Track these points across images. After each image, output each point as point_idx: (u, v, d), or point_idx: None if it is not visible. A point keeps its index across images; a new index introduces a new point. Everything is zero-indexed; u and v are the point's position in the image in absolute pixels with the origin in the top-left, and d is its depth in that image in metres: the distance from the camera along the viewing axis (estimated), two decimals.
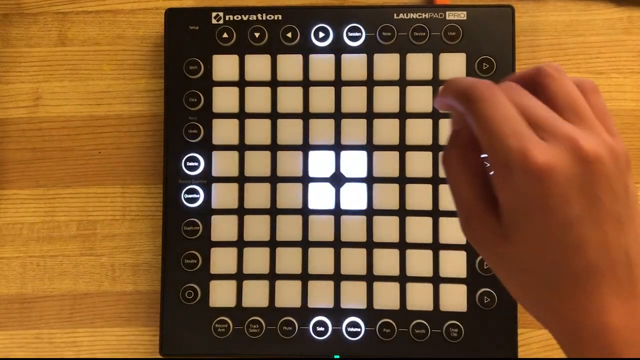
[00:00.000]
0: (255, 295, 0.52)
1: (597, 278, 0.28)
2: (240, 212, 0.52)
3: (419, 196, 0.51)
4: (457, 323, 0.51)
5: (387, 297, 0.51)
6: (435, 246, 0.51)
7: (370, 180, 0.52)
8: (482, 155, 0.31)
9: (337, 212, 0.52)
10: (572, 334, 0.29)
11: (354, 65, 0.52)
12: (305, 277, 0.52)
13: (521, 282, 0.31)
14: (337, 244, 0.52)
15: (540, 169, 0.27)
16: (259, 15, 0.53)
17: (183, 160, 0.52)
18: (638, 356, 0.27)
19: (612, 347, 0.28)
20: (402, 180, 0.52)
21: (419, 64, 0.52)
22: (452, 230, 0.51)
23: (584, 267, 0.28)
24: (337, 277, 0.52)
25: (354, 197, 0.52)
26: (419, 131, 0.52)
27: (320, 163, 0.52)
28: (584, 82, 0.31)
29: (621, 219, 0.29)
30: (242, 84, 0.53)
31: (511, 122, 0.28)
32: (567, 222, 0.28)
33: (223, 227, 0.52)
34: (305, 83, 0.52)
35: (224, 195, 0.52)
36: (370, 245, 0.52)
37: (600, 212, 0.28)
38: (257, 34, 0.53)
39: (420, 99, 0.52)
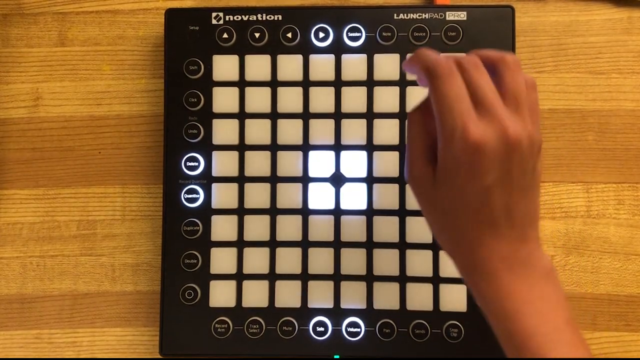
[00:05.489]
0: (255, 295, 0.52)
1: (495, 229, 0.37)
2: (240, 212, 0.52)
3: None
4: (457, 323, 0.51)
5: (387, 297, 0.51)
6: (435, 246, 0.51)
7: (370, 180, 0.52)
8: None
9: (337, 212, 0.52)
10: (468, 263, 0.39)
11: (354, 66, 0.52)
12: (305, 277, 0.52)
13: (440, 221, 0.40)
14: (337, 244, 0.52)
15: (474, 143, 0.36)
16: (259, 16, 0.53)
17: (183, 160, 0.52)
18: (511, 275, 0.37)
19: (492, 273, 0.37)
20: (402, 180, 0.52)
21: None
22: None
23: (488, 219, 0.37)
24: (337, 277, 0.52)
25: (354, 197, 0.52)
26: None
27: (320, 163, 0.52)
28: (528, 79, 0.39)
29: (524, 189, 0.38)
30: (242, 84, 0.53)
31: (460, 102, 0.37)
32: (484, 185, 0.37)
33: (223, 227, 0.52)
34: (305, 83, 0.52)
35: (224, 195, 0.52)
36: (370, 245, 0.52)
37: (510, 183, 0.37)
38: (257, 34, 0.53)
39: (421, 99, 0.52)
